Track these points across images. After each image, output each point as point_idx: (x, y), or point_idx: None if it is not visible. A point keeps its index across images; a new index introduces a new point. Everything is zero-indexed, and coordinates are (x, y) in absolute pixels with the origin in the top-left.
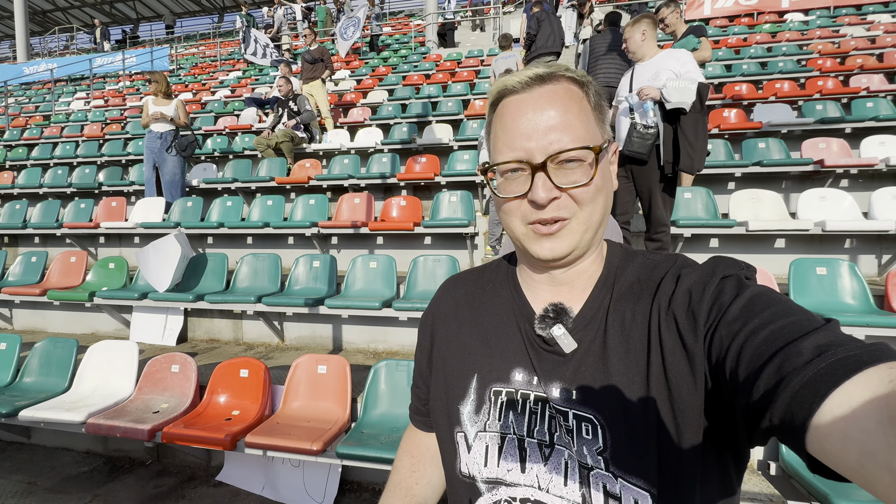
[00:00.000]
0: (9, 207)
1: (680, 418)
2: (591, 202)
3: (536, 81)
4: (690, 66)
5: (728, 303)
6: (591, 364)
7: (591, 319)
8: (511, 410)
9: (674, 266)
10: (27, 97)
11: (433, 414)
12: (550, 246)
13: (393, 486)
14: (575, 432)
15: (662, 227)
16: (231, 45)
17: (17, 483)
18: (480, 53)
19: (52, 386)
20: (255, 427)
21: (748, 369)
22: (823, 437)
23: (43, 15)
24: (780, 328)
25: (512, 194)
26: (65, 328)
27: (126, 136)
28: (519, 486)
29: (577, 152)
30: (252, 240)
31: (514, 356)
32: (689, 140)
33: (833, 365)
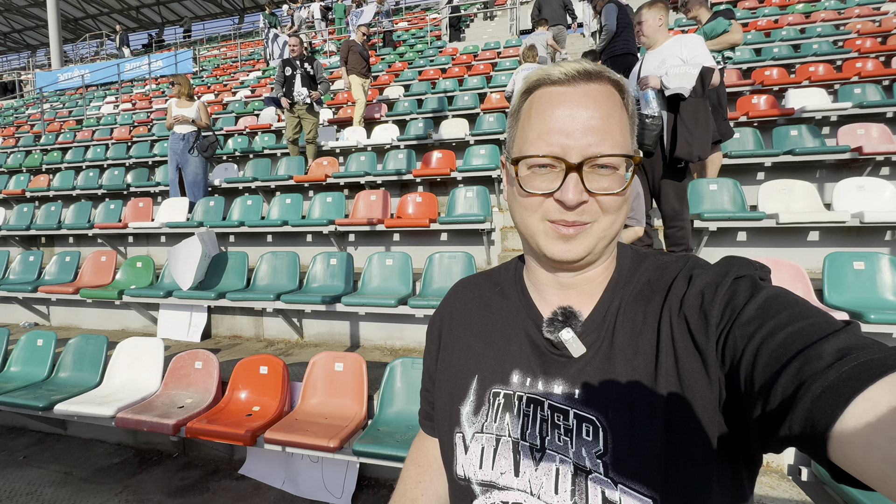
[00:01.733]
0: (45, 209)
1: (692, 421)
2: (616, 211)
3: (583, 77)
4: (698, 50)
5: (742, 304)
6: (597, 364)
7: (600, 323)
8: (508, 412)
9: (685, 267)
10: (61, 103)
11: (436, 415)
12: (566, 248)
13: (398, 497)
14: (574, 433)
15: (676, 221)
16: (251, 46)
17: (55, 473)
18: (497, 46)
19: (85, 381)
20: (275, 423)
21: (765, 373)
22: (846, 444)
23: (74, 23)
24: (797, 330)
25: (538, 190)
26: (97, 325)
27: (152, 138)
28: (512, 490)
29: (615, 159)
30: (272, 238)
31: (514, 358)
32: (687, 126)
33: (856, 369)
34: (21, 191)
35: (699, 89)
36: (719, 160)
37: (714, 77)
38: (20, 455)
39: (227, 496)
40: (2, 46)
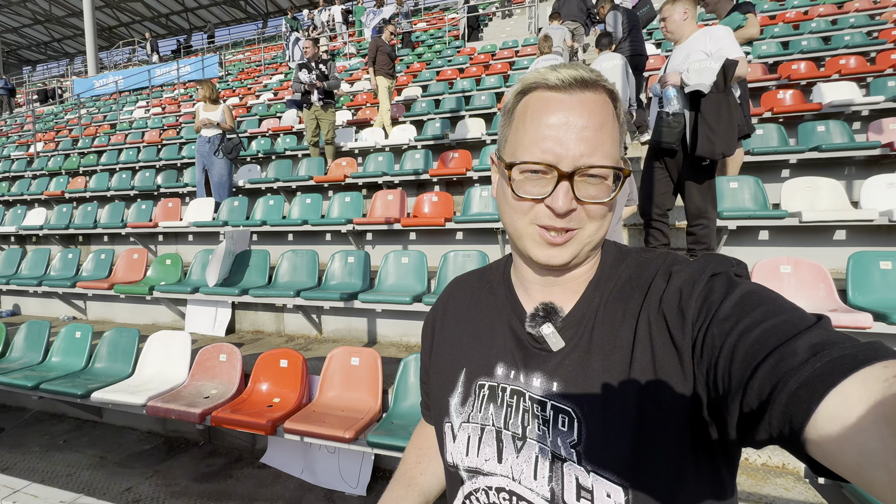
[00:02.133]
0: (82, 209)
1: (664, 415)
2: (602, 219)
3: (578, 85)
4: (724, 42)
5: (719, 301)
6: (575, 359)
7: (580, 319)
8: (492, 403)
9: (664, 264)
10: (97, 108)
11: (432, 406)
12: (552, 253)
13: (399, 476)
14: (551, 423)
15: (700, 220)
16: (274, 50)
17: (91, 457)
18: (515, 44)
19: (119, 371)
20: (294, 414)
21: (742, 369)
22: (821, 437)
23: (109, 31)
24: (772, 326)
25: (529, 195)
26: (130, 319)
27: (181, 140)
28: (495, 476)
29: (605, 170)
30: (293, 236)
31: (499, 351)
32: (708, 123)
33: (829, 365)
34: (61, 192)
35: (721, 84)
36: (740, 157)
37: (740, 68)
38: (61, 439)
39: (250, 483)
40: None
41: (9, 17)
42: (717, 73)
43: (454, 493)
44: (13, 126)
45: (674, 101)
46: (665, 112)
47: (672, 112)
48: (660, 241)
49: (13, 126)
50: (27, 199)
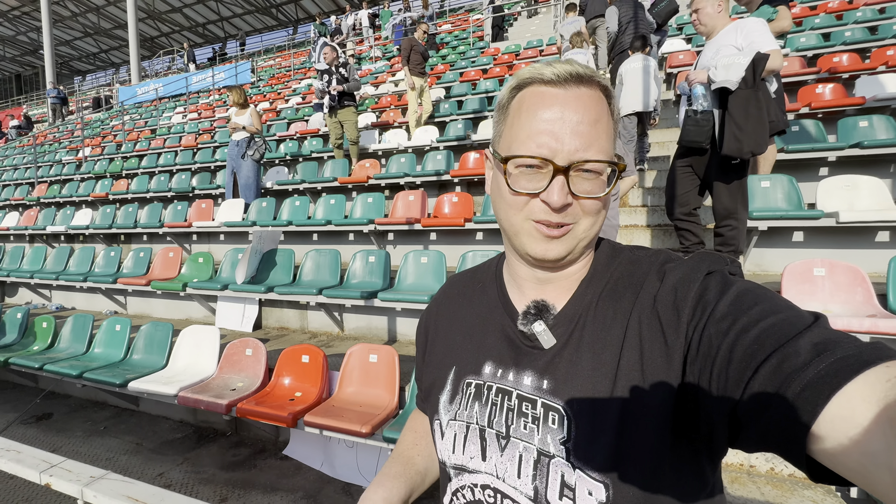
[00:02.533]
0: (123, 210)
1: (647, 414)
2: (596, 215)
3: (574, 80)
4: (756, 35)
5: (714, 300)
6: (565, 357)
7: (572, 317)
8: (477, 401)
9: (657, 262)
10: (139, 114)
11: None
12: (547, 248)
13: (396, 455)
14: (541, 420)
15: (728, 221)
16: (303, 55)
17: (128, 443)
18: (539, 44)
19: (154, 363)
20: (314, 408)
21: (741, 369)
22: (825, 439)
23: (151, 41)
24: (770, 326)
25: (525, 189)
26: (166, 314)
27: (214, 144)
28: (480, 474)
29: (600, 165)
30: (317, 236)
31: (489, 350)
32: (735, 120)
33: (833, 366)
34: (105, 194)
35: (750, 79)
36: (773, 155)
37: (772, 62)
38: (101, 426)
39: (272, 473)
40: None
41: (62, 31)
42: (746, 68)
43: (444, 488)
44: (64, 132)
45: (701, 98)
46: (693, 110)
47: (700, 110)
48: (691, 241)
49: (64, 132)
50: (75, 201)
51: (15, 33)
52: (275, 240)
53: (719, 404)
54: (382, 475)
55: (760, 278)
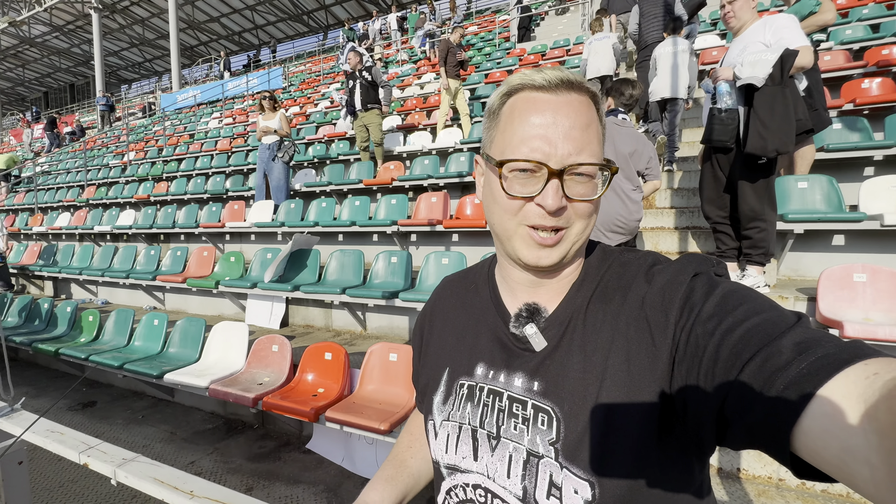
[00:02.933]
0: (163, 211)
1: (633, 414)
2: (589, 217)
3: (565, 86)
4: (785, 31)
5: (701, 301)
6: (556, 360)
7: (563, 319)
8: (469, 402)
9: (645, 265)
10: (179, 120)
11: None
12: (541, 255)
13: (391, 457)
14: (531, 421)
15: (754, 223)
16: (332, 60)
17: (164, 431)
18: (567, 43)
19: (188, 356)
20: (335, 404)
21: (726, 369)
22: (807, 435)
23: (190, 50)
24: (754, 326)
25: (519, 193)
26: (200, 310)
27: (247, 148)
28: (472, 473)
29: (592, 168)
30: (342, 237)
31: (481, 351)
32: (760, 118)
33: (814, 364)
34: (147, 196)
35: (777, 76)
36: (811, 154)
37: (801, 59)
38: (140, 415)
39: (296, 466)
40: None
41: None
42: (773, 64)
43: (438, 487)
44: (111, 138)
45: (726, 96)
46: (717, 108)
47: (725, 108)
48: (728, 245)
49: (111, 138)
50: (120, 202)
51: (69, 46)
52: (310, 243)
53: (707, 403)
54: (375, 478)
55: (796, 284)
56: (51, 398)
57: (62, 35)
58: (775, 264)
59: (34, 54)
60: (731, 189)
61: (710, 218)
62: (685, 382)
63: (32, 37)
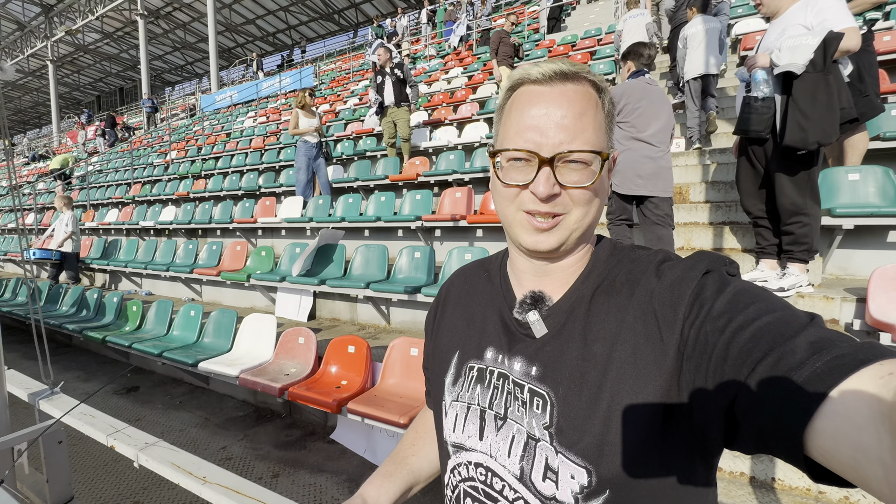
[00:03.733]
0: (201, 208)
1: (636, 408)
2: (587, 204)
3: (559, 77)
4: (830, 12)
5: (712, 299)
6: (555, 346)
7: (566, 308)
8: (479, 384)
9: (655, 261)
10: (217, 119)
11: (431, 387)
12: (539, 239)
13: (393, 454)
14: (528, 405)
15: (795, 218)
16: (362, 58)
17: (199, 417)
18: (598, 32)
19: (221, 346)
20: (357, 396)
21: (736, 368)
22: (821, 435)
23: (228, 52)
24: (766, 324)
25: (514, 182)
26: (234, 302)
27: (279, 146)
28: (476, 452)
29: (585, 155)
30: (368, 232)
31: (490, 336)
32: (800, 108)
33: (829, 364)
34: (186, 193)
35: (819, 62)
36: (864, 144)
37: (847, 42)
38: (178, 400)
39: (320, 455)
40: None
41: (155, 47)
42: (814, 49)
43: (444, 465)
44: (155, 138)
45: (762, 84)
46: (753, 97)
47: (761, 97)
48: (768, 241)
49: (155, 138)
50: (162, 199)
51: (119, 51)
52: (336, 238)
53: (715, 401)
54: (375, 474)
55: (844, 283)
56: (99, 382)
57: (112, 41)
58: (820, 262)
59: (88, 60)
60: (769, 182)
61: (750, 213)
62: (693, 379)
63: (86, 44)
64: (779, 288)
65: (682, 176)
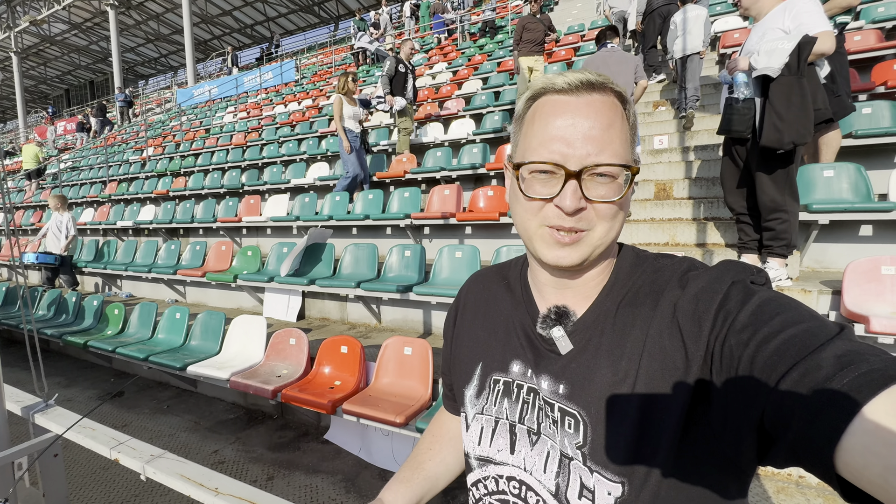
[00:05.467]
0: (182, 206)
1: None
2: (613, 219)
3: (586, 87)
4: (806, 17)
5: (736, 310)
6: (582, 363)
7: (591, 323)
8: (506, 398)
9: (679, 270)
10: (195, 115)
11: (452, 393)
12: (561, 254)
13: (409, 459)
14: (559, 424)
15: (775, 214)
16: (344, 51)
17: (188, 421)
18: (581, 28)
19: (209, 349)
20: (351, 397)
21: (762, 381)
22: (849, 453)
23: (204, 44)
24: (791, 337)
25: (538, 195)
26: (220, 303)
27: (262, 142)
28: (507, 466)
29: (613, 168)
30: (356, 230)
31: (514, 349)
32: (775, 110)
33: (858, 380)
34: (166, 191)
35: (794, 65)
36: (837, 141)
37: (821, 45)
38: (165, 405)
39: (314, 456)
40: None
41: (127, 39)
42: (790, 53)
43: (468, 477)
44: (131, 133)
45: (742, 87)
46: (734, 98)
47: (742, 98)
48: (750, 237)
49: (131, 133)
50: (140, 198)
51: (88, 43)
52: (324, 237)
53: (745, 417)
54: (393, 479)
55: (820, 276)
56: (81, 388)
57: (80, 32)
58: (798, 256)
59: (55, 52)
60: (751, 179)
61: (733, 209)
62: (720, 394)
63: (52, 35)
64: None
65: (666, 172)
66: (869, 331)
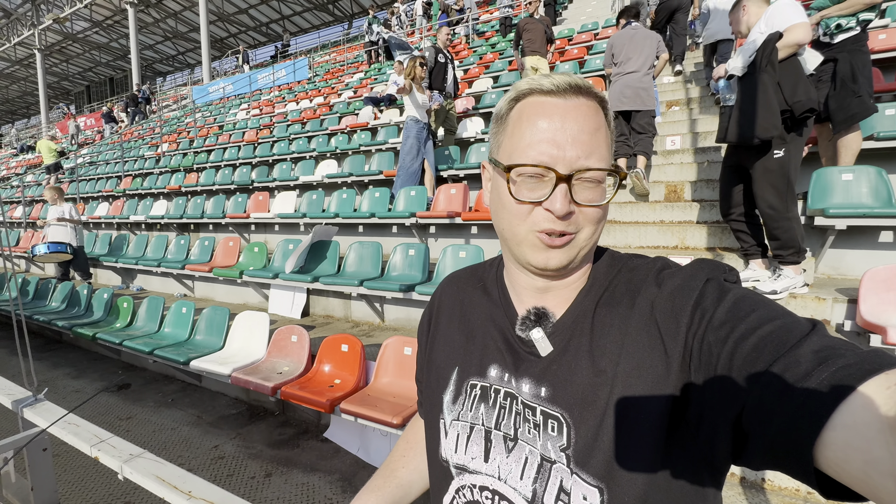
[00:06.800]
0: (193, 202)
1: (643, 422)
2: (597, 223)
3: (573, 90)
4: (777, 18)
5: (712, 307)
6: (563, 365)
7: (570, 325)
8: (483, 403)
9: (654, 269)
10: (209, 111)
11: (425, 401)
12: (548, 257)
13: (383, 466)
14: (542, 428)
15: (777, 223)
16: (357, 49)
17: (191, 415)
18: (595, 27)
19: (213, 344)
20: (350, 396)
21: (741, 378)
22: (830, 447)
23: (220, 42)
24: (768, 333)
25: (527, 198)
26: (226, 298)
27: (273, 139)
28: (480, 475)
29: (601, 174)
30: (362, 228)
31: (492, 353)
32: (740, 106)
33: (837, 374)
34: (178, 187)
35: (759, 62)
36: (857, 143)
37: (791, 37)
38: (170, 398)
39: (313, 454)
40: (171, 67)
41: (146, 37)
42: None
43: (445, 486)
44: (147, 130)
45: (726, 92)
46: (722, 106)
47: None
48: (749, 244)
49: (147, 130)
50: (154, 193)
51: (108, 41)
52: (329, 234)
53: (722, 413)
54: (364, 488)
55: (836, 283)
56: (90, 379)
57: (101, 30)
58: (813, 262)
59: (76, 49)
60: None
61: (725, 215)
62: (699, 392)
63: (74, 32)
64: (771, 290)
65: (678, 174)
66: (886, 342)
